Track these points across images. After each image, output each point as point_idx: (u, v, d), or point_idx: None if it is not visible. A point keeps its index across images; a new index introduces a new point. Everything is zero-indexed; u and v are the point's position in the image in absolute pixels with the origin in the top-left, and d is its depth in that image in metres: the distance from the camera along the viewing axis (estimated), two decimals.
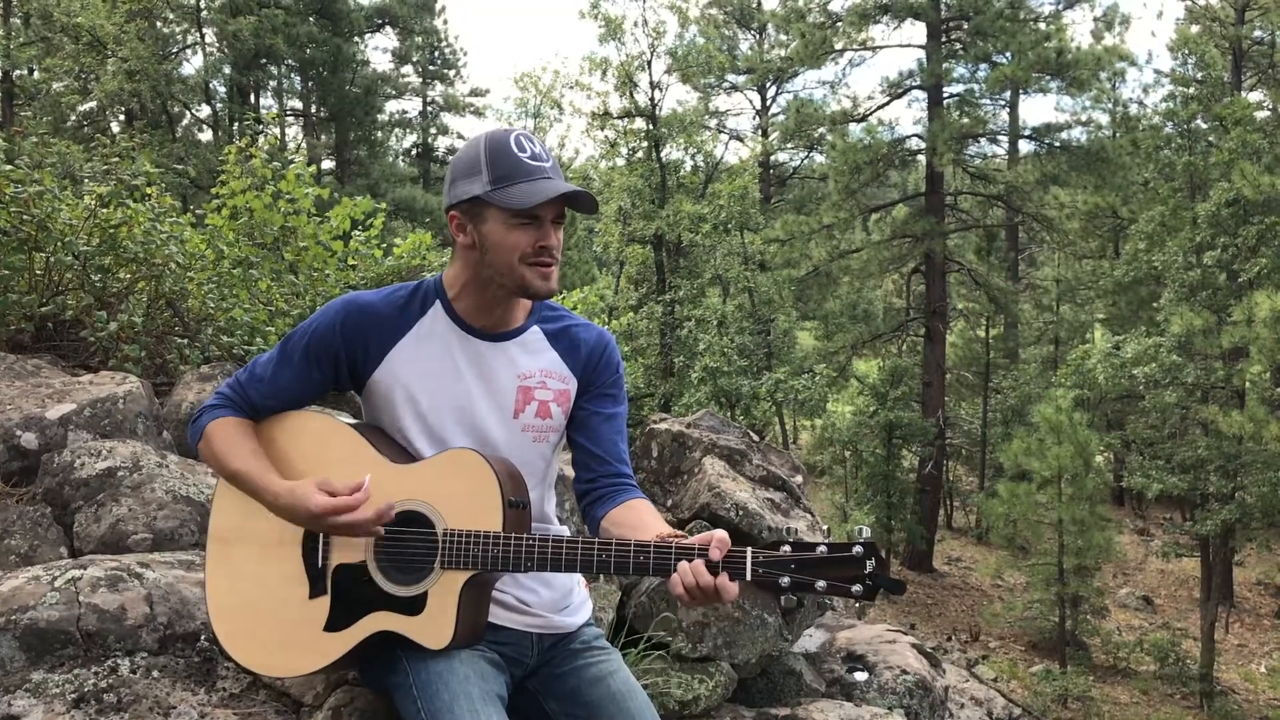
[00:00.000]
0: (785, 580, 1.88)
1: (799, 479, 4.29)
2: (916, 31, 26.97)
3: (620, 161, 27.30)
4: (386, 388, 2.16)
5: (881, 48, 28.29)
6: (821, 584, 1.88)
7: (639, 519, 2.11)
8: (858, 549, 1.88)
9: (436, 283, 2.22)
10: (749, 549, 1.90)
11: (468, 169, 2.10)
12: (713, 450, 4.13)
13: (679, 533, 1.98)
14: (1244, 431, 18.48)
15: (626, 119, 26.60)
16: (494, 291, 2.14)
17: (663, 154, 26.41)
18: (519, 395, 2.19)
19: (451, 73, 40.77)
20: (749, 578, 1.89)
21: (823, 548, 1.89)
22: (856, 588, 1.87)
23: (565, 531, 2.38)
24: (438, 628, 2.02)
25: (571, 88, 27.53)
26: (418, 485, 2.08)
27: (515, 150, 2.07)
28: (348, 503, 1.99)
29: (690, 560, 1.89)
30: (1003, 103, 28.56)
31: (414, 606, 2.03)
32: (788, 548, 1.89)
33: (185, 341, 5.01)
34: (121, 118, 27.25)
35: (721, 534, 1.92)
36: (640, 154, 26.72)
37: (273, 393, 2.18)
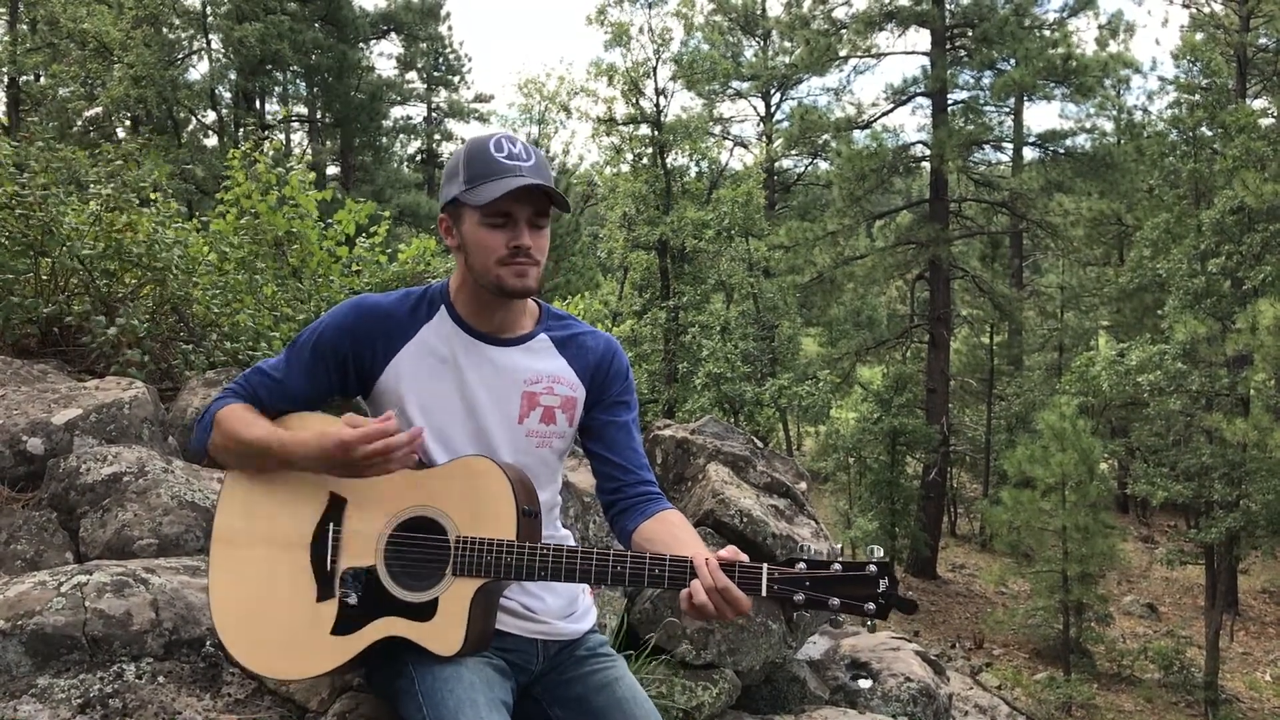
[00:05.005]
0: (800, 597, 1.89)
1: (803, 486, 4.29)
2: (921, 38, 27.04)
3: (625, 167, 27.33)
4: (393, 391, 2.15)
5: (886, 55, 28.37)
6: (835, 601, 1.89)
7: (672, 535, 2.11)
8: (872, 568, 1.90)
9: (443, 287, 2.23)
10: (764, 565, 1.91)
11: (450, 173, 2.12)
12: (717, 457, 4.13)
13: (722, 554, 1.97)
14: (1248, 439, 18.45)
15: (631, 125, 26.63)
16: (485, 294, 2.14)
17: (667, 160, 26.43)
18: (524, 401, 2.18)
19: (456, 79, 40.79)
20: (764, 593, 1.90)
21: (837, 566, 1.90)
22: (870, 606, 1.89)
23: (569, 537, 2.38)
24: (448, 634, 2.01)
25: (577, 93, 27.57)
26: (430, 491, 2.07)
27: (492, 151, 2.07)
28: (382, 428, 1.98)
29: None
30: (1007, 109, 28.59)
31: (424, 612, 2.03)
32: (803, 565, 1.90)
33: (190, 347, 5.01)
34: (127, 123, 27.29)
35: (733, 548, 1.94)
36: (645, 160, 26.74)
37: (281, 393, 2.16)
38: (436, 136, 41.79)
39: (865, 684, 3.98)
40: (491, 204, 2.02)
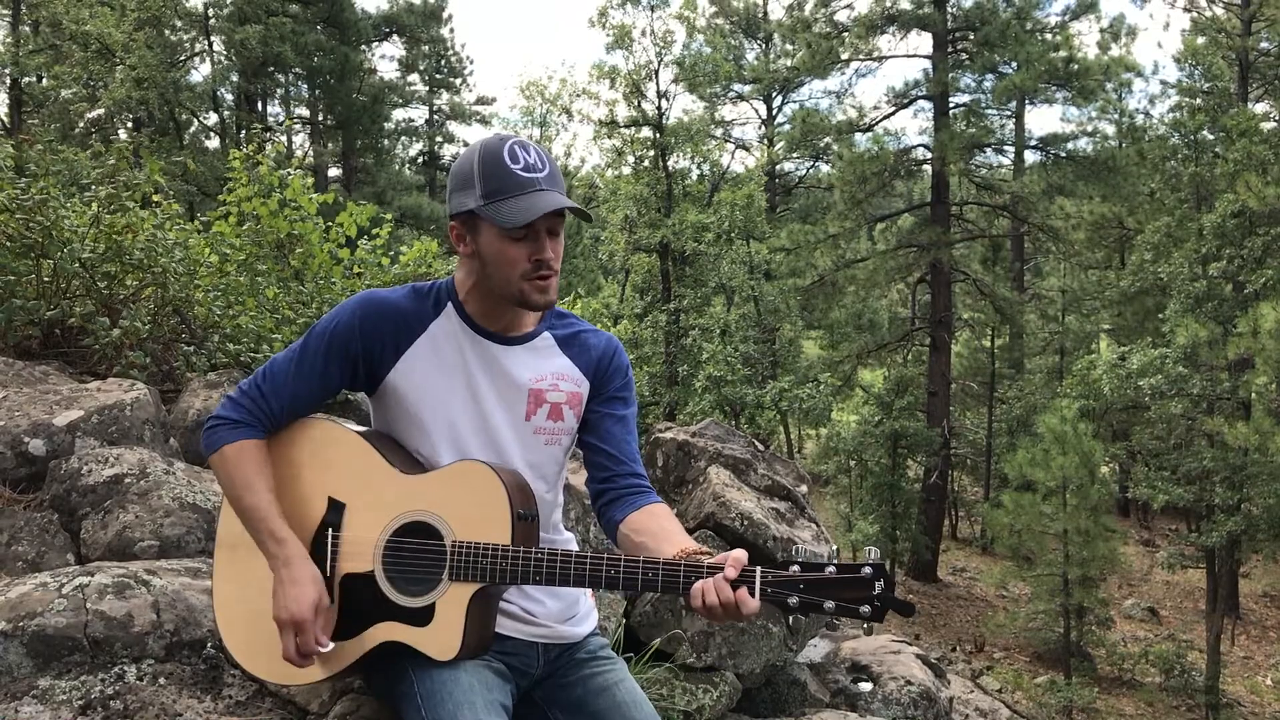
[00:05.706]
0: (794, 600, 1.87)
1: (804, 488, 4.29)
2: (923, 41, 27.11)
3: (626, 170, 27.34)
4: (401, 388, 2.15)
5: (888, 58, 28.40)
6: (830, 604, 1.87)
7: (660, 528, 2.10)
8: (866, 570, 1.87)
9: (449, 284, 2.22)
10: (758, 568, 1.89)
11: (462, 181, 2.09)
12: (718, 459, 4.13)
13: (702, 548, 1.96)
14: (1249, 443, 18.42)
15: (633, 127, 26.64)
16: (498, 299, 2.14)
17: (669, 163, 26.42)
18: (531, 398, 2.18)
19: (458, 81, 40.88)
20: (757, 597, 1.89)
21: (831, 568, 1.88)
22: (865, 609, 1.86)
23: (571, 539, 2.38)
24: (445, 639, 2.01)
25: (579, 96, 27.59)
26: (426, 496, 2.07)
27: (508, 161, 2.04)
28: (307, 644, 2.01)
29: (705, 578, 1.88)
30: (1009, 113, 28.60)
31: (421, 618, 2.03)
32: (797, 567, 1.88)
33: (192, 349, 5.01)
34: (129, 125, 27.32)
35: (739, 554, 1.91)
36: (646, 162, 26.74)
37: (292, 397, 2.15)
38: (438, 139, 41.88)
39: (866, 687, 3.98)
40: (519, 226, 2.02)
